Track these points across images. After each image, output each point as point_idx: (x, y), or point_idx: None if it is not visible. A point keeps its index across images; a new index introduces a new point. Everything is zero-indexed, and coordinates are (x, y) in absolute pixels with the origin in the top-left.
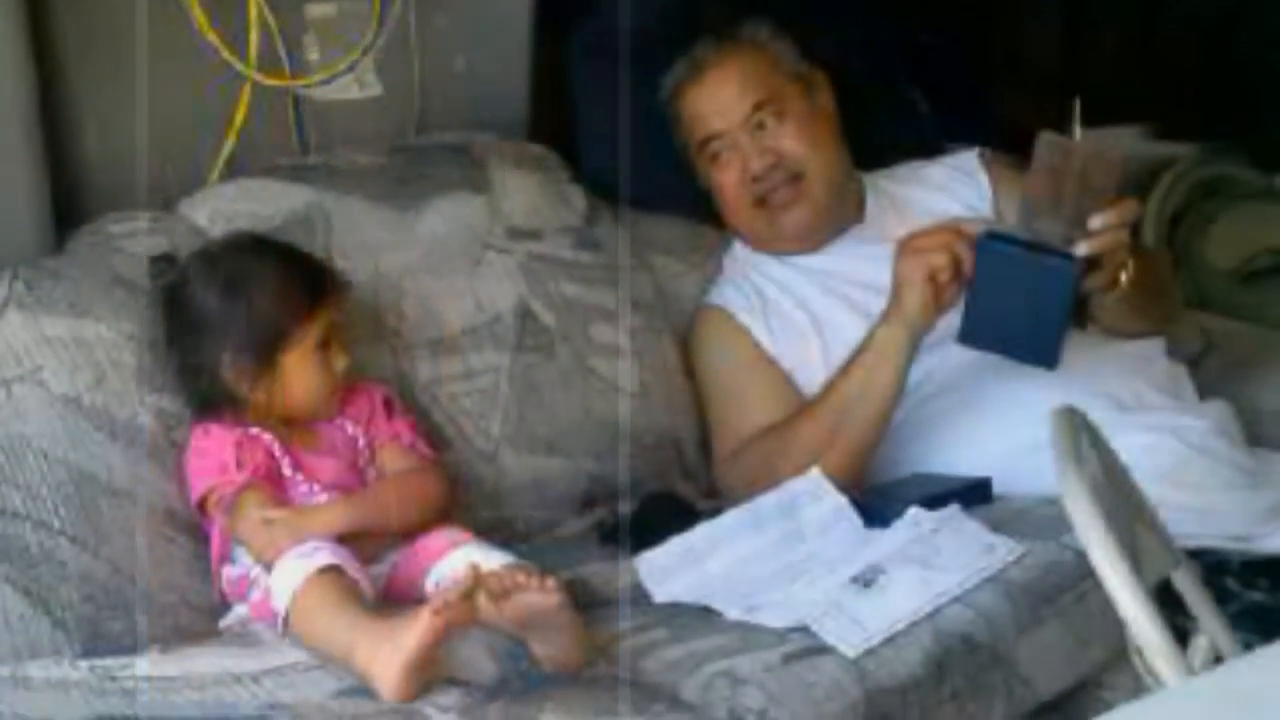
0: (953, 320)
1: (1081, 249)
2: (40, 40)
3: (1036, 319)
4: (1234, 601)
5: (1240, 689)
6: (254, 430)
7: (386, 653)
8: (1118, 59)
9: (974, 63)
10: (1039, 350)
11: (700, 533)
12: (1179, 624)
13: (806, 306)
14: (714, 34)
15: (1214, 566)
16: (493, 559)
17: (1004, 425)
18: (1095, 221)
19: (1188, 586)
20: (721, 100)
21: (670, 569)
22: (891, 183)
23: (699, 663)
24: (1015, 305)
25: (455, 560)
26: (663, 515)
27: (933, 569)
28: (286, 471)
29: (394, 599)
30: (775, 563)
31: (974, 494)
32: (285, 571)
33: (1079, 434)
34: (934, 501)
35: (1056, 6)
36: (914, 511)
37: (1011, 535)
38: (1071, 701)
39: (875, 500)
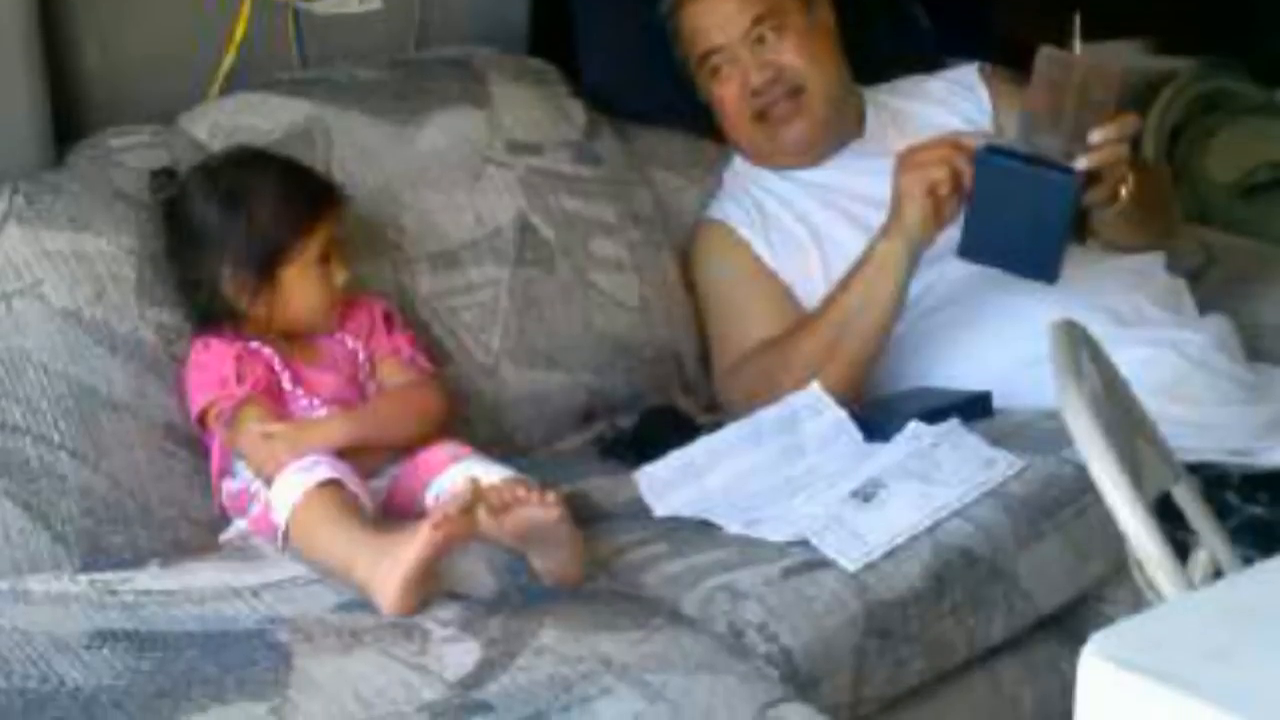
0: (952, 234)
1: (1081, 163)
2: None
3: (1036, 233)
4: (1234, 516)
5: (1240, 603)
6: (254, 344)
7: (386, 567)
8: None
9: None
10: (1039, 264)
11: (700, 447)
12: (1179, 538)
13: (806, 220)
14: None
15: (1214, 481)
16: (492, 473)
17: (1004, 339)
18: (1095, 136)
19: (1188, 501)
20: (721, 14)
21: (670, 483)
22: (891, 97)
23: (699, 577)
24: (1015, 219)
25: (455, 474)
26: (663, 429)
27: (932, 483)
28: (286, 386)
29: (394, 513)
30: (775, 477)
31: (974, 408)
32: (285, 486)
33: (1079, 348)
34: (934, 415)
35: None
36: (914, 425)
37: (1011, 449)
38: (1072, 615)
39: (875, 414)
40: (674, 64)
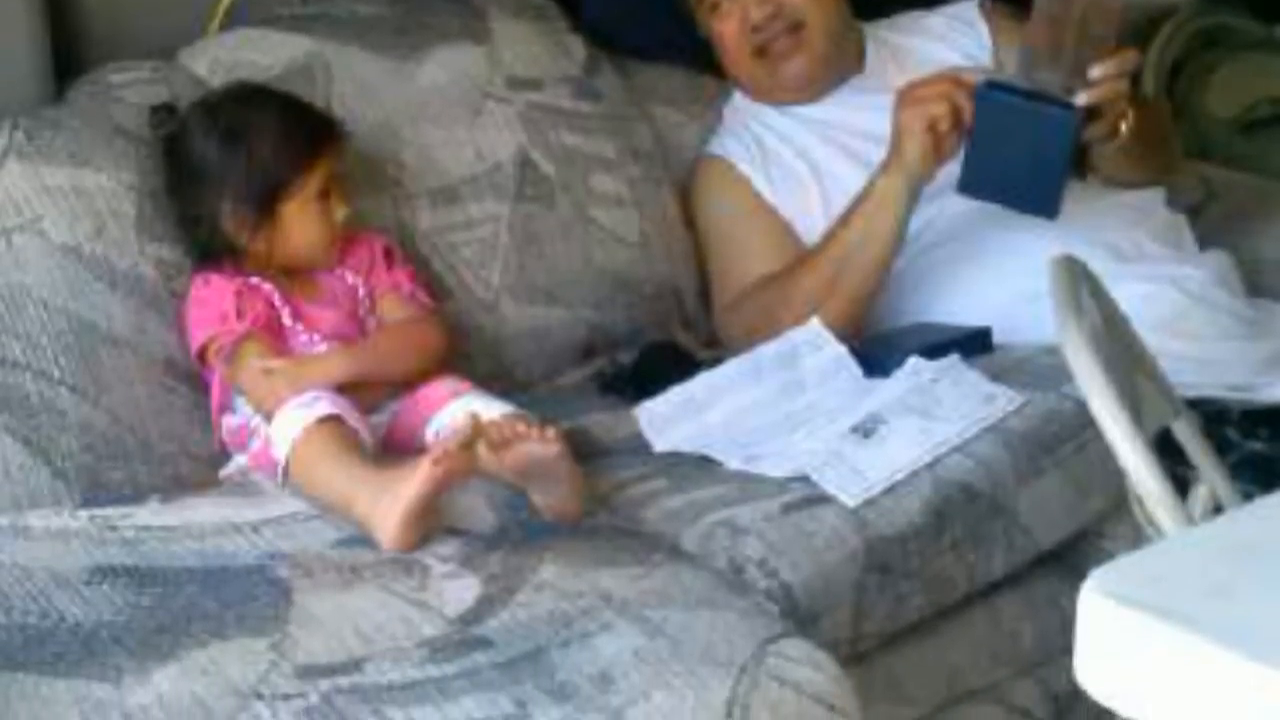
0: (952, 170)
1: (1081, 99)
2: None
3: (1036, 169)
4: (1234, 451)
5: (1240, 539)
6: (254, 280)
7: (386, 503)
8: None
9: None
10: (1039, 200)
11: (700, 382)
12: (1179, 474)
13: (806, 156)
14: None
15: (1214, 416)
16: (492, 408)
17: (1004, 275)
18: (1095, 71)
19: (1188, 436)
20: None
21: (670, 418)
22: (891, 33)
23: (699, 512)
24: (1015, 155)
25: (455, 410)
26: (663, 365)
27: (933, 418)
28: (287, 321)
29: (394, 449)
30: (775, 412)
31: (974, 343)
32: (285, 421)
33: (1079, 283)
34: (934, 351)
35: None
36: (914, 361)
37: (1011, 385)
38: (1072, 551)
39: (875, 350)
40: None
